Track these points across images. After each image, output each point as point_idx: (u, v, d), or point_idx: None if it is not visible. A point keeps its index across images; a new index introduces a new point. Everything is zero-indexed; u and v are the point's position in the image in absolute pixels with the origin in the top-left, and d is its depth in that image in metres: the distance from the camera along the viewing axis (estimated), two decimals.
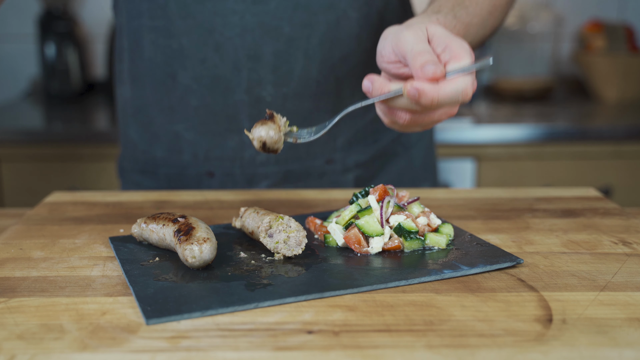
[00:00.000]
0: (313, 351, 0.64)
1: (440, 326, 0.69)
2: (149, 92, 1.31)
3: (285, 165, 1.31)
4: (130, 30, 1.30)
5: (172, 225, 0.89)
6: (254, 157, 1.30)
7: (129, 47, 1.32)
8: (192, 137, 1.30)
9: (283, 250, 0.88)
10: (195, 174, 1.33)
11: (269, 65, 1.24)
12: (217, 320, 0.71)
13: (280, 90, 1.25)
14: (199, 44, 1.23)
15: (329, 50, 1.25)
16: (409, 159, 1.44)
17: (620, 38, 2.91)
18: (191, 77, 1.25)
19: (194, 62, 1.24)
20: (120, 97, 1.39)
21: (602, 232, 1.00)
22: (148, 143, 1.35)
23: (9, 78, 3.08)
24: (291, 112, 1.26)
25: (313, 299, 0.76)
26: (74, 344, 0.66)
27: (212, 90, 1.26)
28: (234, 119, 1.27)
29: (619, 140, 2.40)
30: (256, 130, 0.93)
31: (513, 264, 0.86)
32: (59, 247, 0.94)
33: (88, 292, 0.78)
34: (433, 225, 0.94)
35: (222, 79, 1.25)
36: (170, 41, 1.25)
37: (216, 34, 1.22)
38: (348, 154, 1.34)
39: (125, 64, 1.34)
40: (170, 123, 1.31)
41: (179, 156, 1.33)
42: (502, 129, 2.39)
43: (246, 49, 1.23)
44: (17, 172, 2.38)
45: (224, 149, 1.30)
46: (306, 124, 1.29)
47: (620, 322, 0.70)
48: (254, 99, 1.25)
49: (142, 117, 1.34)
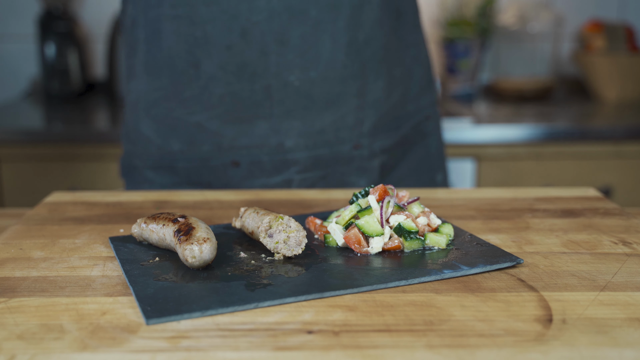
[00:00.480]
0: (313, 351, 0.64)
1: (440, 326, 0.69)
2: (166, 83, 1.30)
3: (314, 150, 1.30)
4: (147, 21, 1.28)
5: (172, 225, 0.89)
6: (282, 142, 1.29)
7: (145, 38, 1.30)
8: (215, 127, 1.29)
9: (283, 250, 0.88)
10: (219, 165, 1.32)
11: (297, 49, 1.24)
12: (217, 320, 0.71)
13: (307, 74, 1.26)
14: (225, 30, 1.23)
15: (354, 33, 1.26)
16: (427, 147, 1.46)
17: (620, 38, 2.91)
18: (216, 65, 1.25)
19: (219, 50, 1.24)
20: (132, 92, 1.37)
21: (602, 232, 1.00)
22: (164, 137, 1.33)
23: (9, 78, 3.08)
24: (318, 97, 1.27)
25: (313, 299, 0.76)
26: (74, 344, 0.66)
27: (239, 77, 1.25)
28: (261, 105, 1.27)
29: (619, 140, 2.40)
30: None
31: (513, 264, 0.86)
32: (59, 247, 0.94)
33: (88, 292, 0.78)
34: (433, 225, 0.94)
35: (249, 64, 1.24)
36: (194, 29, 1.24)
37: (242, 20, 1.22)
38: (374, 139, 1.35)
39: (139, 56, 1.32)
40: (190, 114, 1.29)
41: (199, 148, 1.31)
42: (502, 129, 2.39)
43: (273, 33, 1.23)
44: (17, 172, 2.38)
45: (251, 137, 1.29)
46: (333, 108, 1.29)
47: (620, 322, 0.70)
48: (282, 84, 1.25)
49: (158, 110, 1.32)
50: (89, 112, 2.77)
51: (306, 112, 1.28)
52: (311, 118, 1.28)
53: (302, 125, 1.29)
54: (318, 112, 1.28)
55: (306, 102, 1.27)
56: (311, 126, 1.29)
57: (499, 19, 3.04)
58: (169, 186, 1.37)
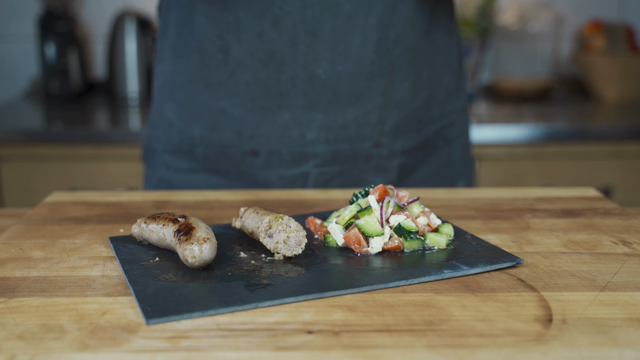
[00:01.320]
0: (313, 351, 0.64)
1: (440, 326, 0.69)
2: (194, 67, 1.30)
3: (334, 145, 1.30)
4: (181, 3, 1.29)
5: (172, 225, 0.89)
6: (303, 134, 1.29)
7: (176, 20, 1.30)
8: (238, 114, 1.29)
9: (283, 250, 0.88)
10: (238, 153, 1.32)
11: (327, 42, 1.24)
12: (217, 320, 0.71)
13: (335, 68, 1.25)
14: (257, 17, 1.23)
15: (385, 31, 1.26)
16: (449, 153, 1.45)
17: (620, 38, 2.91)
18: (245, 51, 1.25)
19: (249, 36, 1.24)
20: (158, 76, 1.38)
21: (602, 232, 1.00)
22: (186, 121, 1.33)
23: (9, 78, 3.08)
24: (343, 91, 1.27)
25: (313, 299, 0.76)
26: (74, 344, 0.66)
27: (267, 65, 1.25)
28: (286, 95, 1.27)
29: (619, 140, 2.40)
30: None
31: (513, 264, 0.86)
32: (59, 247, 0.94)
33: (88, 292, 0.78)
34: (433, 225, 0.94)
35: (278, 53, 1.24)
36: (226, 14, 1.24)
37: (275, 8, 1.22)
38: (395, 139, 1.35)
39: (169, 39, 1.33)
40: (215, 99, 1.30)
41: (220, 134, 1.31)
42: (502, 129, 2.39)
43: (305, 24, 1.23)
44: (17, 172, 2.38)
45: (273, 126, 1.29)
46: (357, 104, 1.29)
47: (620, 322, 0.70)
48: (309, 76, 1.25)
49: (183, 94, 1.32)
50: (89, 112, 2.77)
51: (330, 106, 1.28)
52: (334, 112, 1.28)
53: (325, 118, 1.28)
54: (342, 107, 1.28)
55: (331, 96, 1.27)
56: (334, 120, 1.29)
57: (499, 19, 3.04)
58: (185, 172, 1.37)
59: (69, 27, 2.85)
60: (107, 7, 3.01)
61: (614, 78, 2.82)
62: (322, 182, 1.33)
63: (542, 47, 3.10)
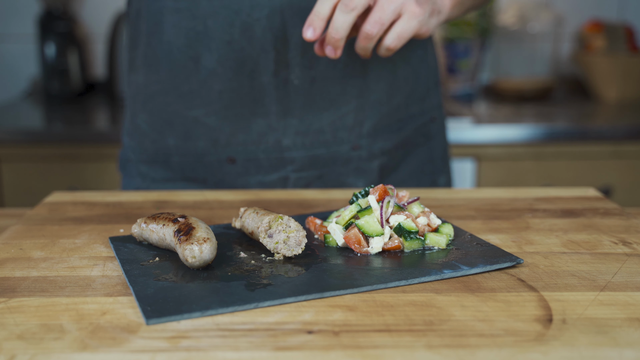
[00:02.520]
0: (313, 351, 0.64)
1: (440, 326, 0.69)
2: (165, 77, 1.29)
3: (311, 149, 1.30)
4: (150, 13, 1.28)
5: (172, 225, 0.89)
6: (279, 140, 1.29)
7: (147, 30, 1.30)
8: (212, 123, 1.28)
9: (283, 250, 0.88)
10: (215, 161, 1.31)
11: (297, 48, 1.23)
12: (217, 320, 0.71)
13: (307, 73, 1.25)
14: (225, 26, 1.22)
15: (356, 33, 1.25)
16: (430, 150, 1.45)
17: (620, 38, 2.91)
18: (216, 60, 1.24)
19: (219, 44, 1.23)
20: (131, 86, 1.37)
21: (602, 232, 1.00)
22: (159, 131, 1.33)
23: (9, 78, 3.08)
24: (318, 96, 1.26)
25: (313, 299, 0.76)
26: (74, 344, 0.66)
27: (238, 73, 1.25)
28: (260, 102, 1.26)
29: (619, 140, 2.40)
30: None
31: (513, 264, 0.86)
32: (59, 247, 0.94)
33: (88, 292, 0.78)
34: (433, 225, 0.94)
35: (249, 61, 1.24)
36: (195, 23, 1.23)
37: (243, 15, 1.22)
38: (374, 140, 1.34)
39: (140, 49, 1.32)
40: (188, 109, 1.29)
41: (194, 143, 1.31)
42: (502, 129, 2.39)
43: (274, 31, 1.22)
44: (17, 172, 2.38)
45: (249, 133, 1.29)
46: (332, 109, 1.29)
47: (620, 322, 0.70)
48: (281, 82, 1.25)
49: (155, 104, 1.32)
50: (89, 112, 2.77)
51: (305, 111, 1.27)
52: (310, 117, 1.28)
53: (300, 124, 1.28)
54: (317, 112, 1.28)
55: (305, 101, 1.27)
56: (309, 125, 1.29)
57: (499, 19, 3.04)
58: (162, 181, 1.36)
59: (69, 27, 2.85)
60: (107, 7, 3.01)
61: (614, 78, 2.82)
62: (301, 186, 1.33)
63: (542, 47, 3.10)
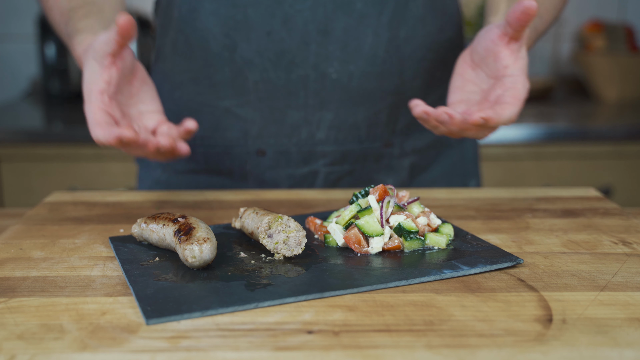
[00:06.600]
0: (313, 351, 0.64)
1: (440, 326, 0.69)
2: (197, 65, 1.27)
3: (344, 144, 1.29)
4: (185, 0, 1.26)
5: (172, 225, 0.89)
6: (312, 134, 1.28)
7: (180, 17, 1.27)
8: (244, 114, 1.27)
9: (283, 250, 0.88)
10: (244, 153, 1.30)
11: (338, 41, 1.22)
12: (217, 320, 0.71)
13: (346, 68, 1.24)
14: (266, 16, 1.21)
15: (396, 30, 1.25)
16: (462, 151, 1.44)
17: (620, 38, 2.91)
18: (254, 50, 1.23)
19: (258, 35, 1.22)
20: (156, 74, 1.35)
21: (602, 232, 1.00)
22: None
23: (9, 78, 3.08)
24: (354, 91, 1.26)
25: (313, 299, 0.76)
26: (74, 344, 0.66)
27: (276, 65, 1.23)
28: (295, 95, 1.25)
29: (619, 140, 2.40)
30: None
31: (513, 264, 0.86)
32: (59, 247, 0.94)
33: (88, 292, 0.78)
34: (433, 225, 0.94)
35: (288, 53, 1.22)
36: (235, 11, 1.22)
37: (286, 6, 1.21)
38: (406, 138, 1.34)
39: (170, 36, 1.30)
40: (219, 99, 1.28)
41: (223, 134, 1.30)
42: (502, 129, 2.39)
43: (316, 23, 1.21)
44: (17, 172, 2.38)
45: (282, 126, 1.27)
46: (368, 104, 1.28)
47: (620, 322, 0.70)
48: (320, 75, 1.24)
49: (183, 93, 1.31)
50: None
51: (340, 106, 1.26)
52: (345, 112, 1.27)
53: (335, 118, 1.27)
54: (352, 107, 1.27)
55: (342, 96, 1.26)
56: (344, 120, 1.28)
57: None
58: (184, 173, 1.35)
59: None
60: None
61: (614, 78, 2.82)
62: (331, 180, 1.32)
63: (542, 47, 3.10)
